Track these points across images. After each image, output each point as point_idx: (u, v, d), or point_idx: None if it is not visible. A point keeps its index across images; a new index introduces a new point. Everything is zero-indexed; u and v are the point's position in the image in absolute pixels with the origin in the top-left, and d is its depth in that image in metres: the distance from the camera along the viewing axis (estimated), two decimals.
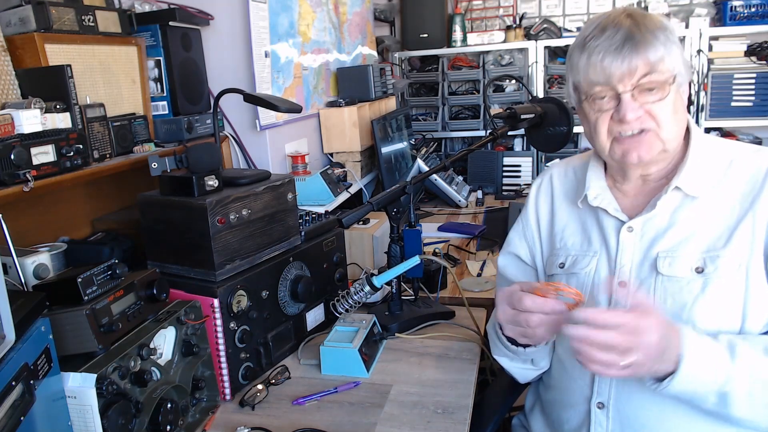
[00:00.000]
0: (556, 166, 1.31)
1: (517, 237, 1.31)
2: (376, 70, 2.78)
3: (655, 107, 1.02)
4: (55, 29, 1.35)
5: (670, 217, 1.07)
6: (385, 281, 1.33)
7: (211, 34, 1.96)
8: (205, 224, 1.23)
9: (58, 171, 1.23)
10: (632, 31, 1.00)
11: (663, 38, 1.01)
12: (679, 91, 1.04)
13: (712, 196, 1.05)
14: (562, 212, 1.23)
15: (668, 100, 1.02)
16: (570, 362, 1.14)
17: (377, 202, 1.48)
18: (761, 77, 3.07)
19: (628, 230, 1.10)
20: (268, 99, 1.56)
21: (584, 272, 1.14)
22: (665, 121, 1.03)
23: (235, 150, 2.04)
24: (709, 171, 1.07)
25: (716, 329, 0.98)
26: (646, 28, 1.01)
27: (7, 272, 1.11)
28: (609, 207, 1.13)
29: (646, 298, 1.01)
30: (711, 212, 1.05)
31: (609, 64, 1.01)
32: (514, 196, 2.91)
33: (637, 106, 1.02)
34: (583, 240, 1.18)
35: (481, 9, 3.71)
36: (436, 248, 2.09)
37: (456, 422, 1.15)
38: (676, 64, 1.02)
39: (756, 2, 3.11)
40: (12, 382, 0.77)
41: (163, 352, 1.12)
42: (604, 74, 1.02)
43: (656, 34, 1.01)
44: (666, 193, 1.07)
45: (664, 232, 1.07)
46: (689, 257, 1.03)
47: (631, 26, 1.01)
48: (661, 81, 1.01)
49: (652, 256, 1.06)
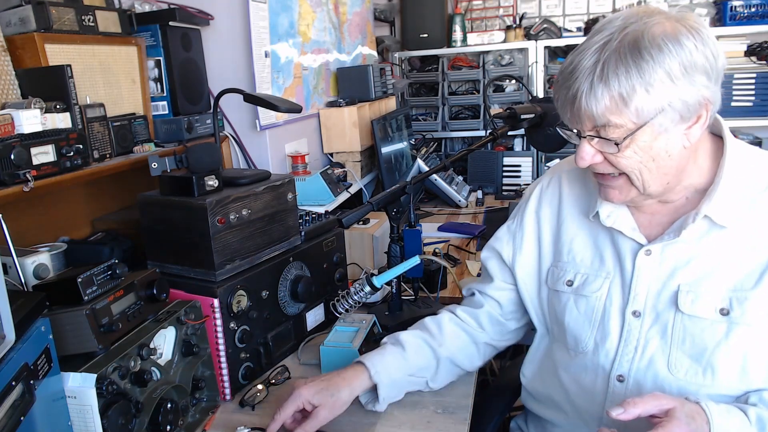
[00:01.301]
0: (567, 169, 1.18)
1: (507, 235, 1.23)
2: (376, 70, 2.78)
3: (613, 158, 0.93)
4: (55, 29, 1.35)
5: (696, 245, 0.96)
6: (385, 281, 1.33)
7: (211, 34, 1.96)
8: (205, 224, 1.23)
9: (58, 171, 1.23)
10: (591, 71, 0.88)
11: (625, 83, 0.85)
12: (659, 136, 0.90)
13: (745, 227, 0.94)
14: (572, 221, 1.12)
15: (629, 152, 0.91)
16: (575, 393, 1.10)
17: (377, 202, 1.48)
18: (761, 77, 3.07)
19: (646, 254, 1.00)
20: (268, 99, 1.55)
21: (595, 296, 1.06)
22: (632, 171, 0.93)
23: (235, 150, 2.04)
24: (744, 195, 0.95)
25: (739, 380, 0.93)
26: (603, 72, 0.87)
27: (7, 272, 1.11)
28: (624, 227, 1.03)
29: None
30: (740, 244, 0.94)
31: (563, 105, 0.94)
32: (514, 196, 2.91)
33: (592, 152, 0.93)
34: (595, 257, 1.08)
35: (481, 9, 3.71)
36: (436, 248, 2.09)
37: (456, 422, 1.15)
38: (645, 111, 0.87)
39: (756, 2, 3.11)
40: (12, 382, 0.77)
41: (163, 352, 1.12)
42: (561, 111, 0.96)
43: (610, 82, 0.86)
44: (693, 222, 0.95)
45: (687, 262, 0.97)
46: (713, 295, 0.94)
47: (594, 63, 0.88)
48: (615, 135, 0.90)
49: (672, 287, 0.97)
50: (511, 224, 1.25)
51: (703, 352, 0.94)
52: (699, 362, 0.94)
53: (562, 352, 1.14)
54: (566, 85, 0.92)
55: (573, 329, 1.09)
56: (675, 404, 0.84)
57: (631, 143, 0.90)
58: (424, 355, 1.20)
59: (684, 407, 0.84)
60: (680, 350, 0.96)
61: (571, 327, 1.09)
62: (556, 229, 1.15)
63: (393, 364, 1.16)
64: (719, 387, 0.94)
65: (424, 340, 1.22)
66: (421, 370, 1.19)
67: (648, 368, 0.99)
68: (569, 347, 1.11)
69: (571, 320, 1.09)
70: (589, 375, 1.07)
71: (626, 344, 1.02)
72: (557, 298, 1.13)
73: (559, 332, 1.15)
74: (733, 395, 0.94)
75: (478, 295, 1.29)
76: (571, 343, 1.10)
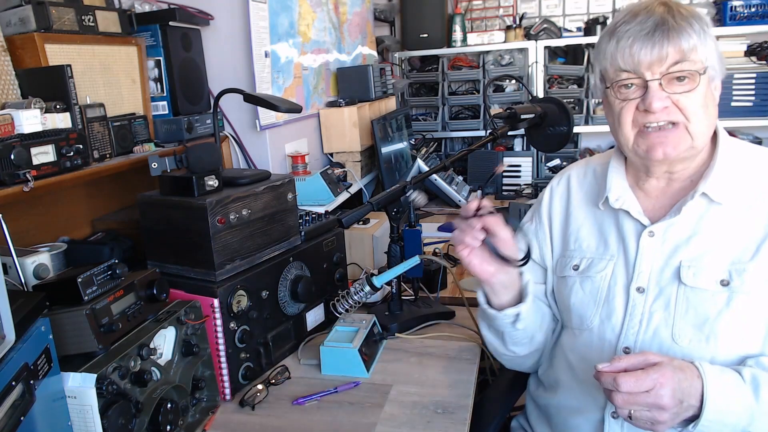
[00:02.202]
0: (576, 166, 1.27)
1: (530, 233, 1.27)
2: (376, 70, 2.78)
3: (684, 98, 0.98)
4: (55, 29, 1.35)
5: (695, 224, 1.03)
6: (385, 281, 1.33)
7: (211, 34, 1.96)
8: (205, 224, 1.23)
9: (58, 171, 1.23)
10: (665, 17, 0.97)
11: (698, 27, 0.97)
12: (710, 85, 1.00)
13: (739, 204, 1.01)
14: (579, 213, 1.19)
15: (698, 91, 0.98)
16: (581, 368, 1.11)
17: (377, 202, 1.48)
18: (761, 77, 3.07)
19: (650, 235, 1.06)
20: (268, 99, 1.56)
21: (599, 276, 1.11)
22: (694, 114, 0.98)
23: (235, 150, 2.04)
24: (737, 177, 1.02)
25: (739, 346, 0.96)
26: (681, 15, 0.98)
27: (7, 272, 1.11)
28: (631, 209, 1.09)
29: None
30: (738, 221, 1.00)
31: (638, 50, 0.98)
32: (514, 196, 2.91)
33: (664, 95, 0.98)
34: (600, 242, 1.14)
35: (481, 9, 3.70)
36: (436, 248, 2.09)
37: (456, 422, 1.15)
38: (709, 56, 0.98)
39: (756, 2, 3.11)
40: (12, 382, 0.77)
41: (163, 352, 1.12)
42: (632, 60, 0.99)
43: (691, 22, 0.97)
44: (692, 198, 1.02)
45: (687, 240, 1.03)
46: (714, 268, 0.99)
47: (664, 13, 0.98)
48: (693, 71, 0.97)
49: (674, 264, 1.03)
50: (530, 224, 1.29)
51: (705, 321, 0.98)
52: (702, 330, 0.98)
53: (568, 335, 1.17)
54: (638, 31, 0.98)
55: (578, 309, 1.13)
56: (662, 359, 0.90)
57: (702, 82, 0.98)
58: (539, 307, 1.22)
59: (672, 361, 0.90)
60: (683, 320, 1.01)
61: (576, 307, 1.14)
62: (565, 222, 1.22)
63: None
64: (720, 353, 0.98)
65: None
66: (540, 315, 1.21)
67: (653, 339, 1.03)
68: (574, 327, 1.14)
69: (576, 300, 1.14)
70: (595, 350, 1.10)
71: (631, 318, 1.06)
72: (564, 283, 1.18)
73: (565, 316, 1.19)
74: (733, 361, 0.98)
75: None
76: (576, 322, 1.14)
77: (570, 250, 1.18)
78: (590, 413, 1.09)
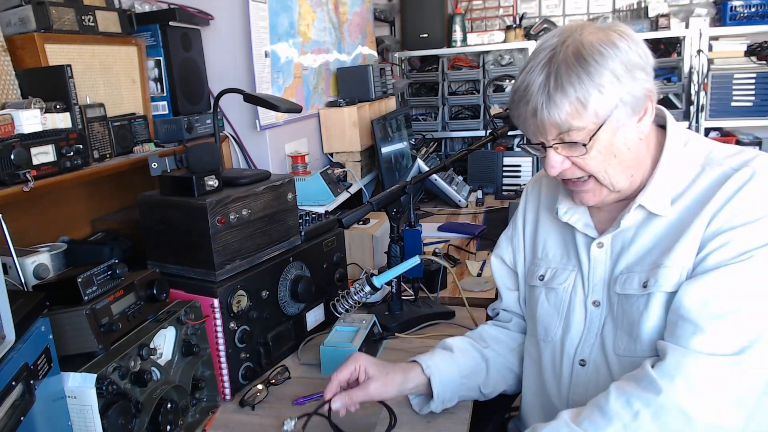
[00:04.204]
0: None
1: (505, 241, 1.29)
2: (376, 70, 2.78)
3: (581, 160, 0.99)
4: (55, 29, 1.35)
5: (633, 233, 1.05)
6: (385, 281, 1.33)
7: (211, 34, 1.96)
8: (205, 224, 1.23)
9: (58, 171, 1.23)
10: (545, 85, 0.94)
11: (579, 88, 0.92)
12: (617, 132, 0.96)
13: (674, 209, 1.01)
14: (546, 221, 1.21)
15: (594, 152, 0.97)
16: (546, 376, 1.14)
17: (377, 202, 1.48)
18: (761, 77, 3.07)
19: (598, 246, 1.08)
20: (268, 99, 1.56)
21: (562, 287, 1.13)
22: (596, 172, 1.00)
23: (235, 150, 2.04)
24: (676, 184, 1.02)
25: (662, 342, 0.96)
26: (557, 82, 0.93)
27: (7, 272, 1.11)
28: (578, 223, 1.11)
29: None
30: (668, 225, 1.02)
31: (525, 121, 0.99)
32: (514, 196, 2.90)
33: (560, 159, 1.00)
34: (564, 253, 1.16)
35: (481, 9, 3.71)
36: (436, 248, 2.09)
37: (456, 422, 1.15)
38: (602, 110, 0.93)
39: (756, 2, 3.11)
40: (12, 382, 0.77)
41: (163, 352, 1.12)
42: (523, 128, 1.02)
43: (566, 89, 0.92)
44: (629, 211, 1.03)
45: (626, 249, 1.05)
46: (640, 273, 1.02)
47: (546, 76, 0.94)
48: (579, 139, 0.96)
49: (615, 274, 1.05)
50: (508, 230, 1.31)
51: (632, 325, 1.01)
52: (631, 335, 1.01)
53: (533, 345, 1.19)
54: (524, 101, 0.97)
55: (543, 320, 1.16)
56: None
57: (595, 143, 0.97)
58: (472, 357, 1.22)
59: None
60: (621, 329, 1.03)
61: (542, 318, 1.16)
62: (534, 230, 1.24)
63: (443, 362, 1.18)
64: (644, 353, 0.99)
65: (469, 344, 1.25)
66: (472, 372, 1.21)
67: (601, 350, 1.06)
68: (539, 338, 1.17)
69: (542, 312, 1.16)
70: (556, 362, 1.13)
71: (588, 332, 1.09)
72: (532, 293, 1.20)
73: (531, 325, 1.21)
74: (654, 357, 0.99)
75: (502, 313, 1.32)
76: (541, 333, 1.16)
77: (538, 258, 1.20)
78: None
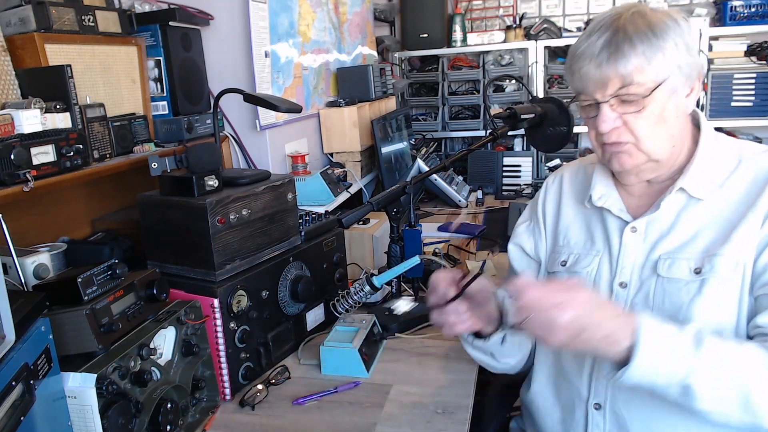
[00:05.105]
0: (570, 165, 1.31)
1: (525, 231, 1.31)
2: (376, 70, 2.78)
3: (633, 119, 1.01)
4: (55, 29, 1.35)
5: (674, 218, 1.06)
6: (385, 281, 1.33)
7: (211, 34, 1.96)
8: (205, 224, 1.23)
9: (58, 171, 1.23)
10: (610, 41, 0.98)
11: (646, 44, 0.96)
12: (671, 97, 1.01)
13: (718, 198, 1.04)
14: (568, 211, 1.23)
15: (649, 111, 1.00)
16: (567, 363, 1.14)
17: (377, 202, 1.48)
18: (761, 77, 3.07)
19: (632, 231, 1.09)
20: (268, 99, 1.56)
21: (585, 271, 1.14)
22: (644, 135, 1.01)
23: (235, 150, 2.04)
24: (716, 172, 1.05)
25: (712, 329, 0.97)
26: (626, 36, 0.97)
27: (7, 272, 1.11)
28: (613, 207, 1.13)
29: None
30: (715, 214, 1.03)
31: (586, 74, 1.01)
32: (514, 196, 2.91)
33: (614, 116, 1.01)
34: (587, 239, 1.18)
35: (481, 9, 3.70)
36: (436, 248, 2.09)
37: (456, 422, 1.15)
38: (663, 71, 0.98)
39: (756, 2, 3.11)
40: (12, 382, 0.77)
41: (163, 352, 1.12)
42: (582, 84, 1.03)
43: (635, 42, 0.96)
44: (670, 194, 1.05)
45: (667, 234, 1.06)
46: (689, 259, 1.02)
47: (610, 36, 0.98)
48: (639, 93, 0.98)
49: (653, 258, 1.06)
50: (525, 220, 1.33)
51: (679, 309, 1.01)
52: (676, 318, 1.00)
53: None
54: (587, 55, 1.00)
55: None
56: (584, 288, 0.91)
57: (651, 102, 0.99)
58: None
59: (597, 296, 0.94)
60: (660, 311, 1.03)
61: None
62: (556, 219, 1.25)
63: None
64: None
65: None
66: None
67: None
68: None
69: None
70: None
71: None
72: (553, 279, 1.20)
73: None
74: None
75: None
76: None
77: (559, 246, 1.22)
78: (574, 407, 1.11)
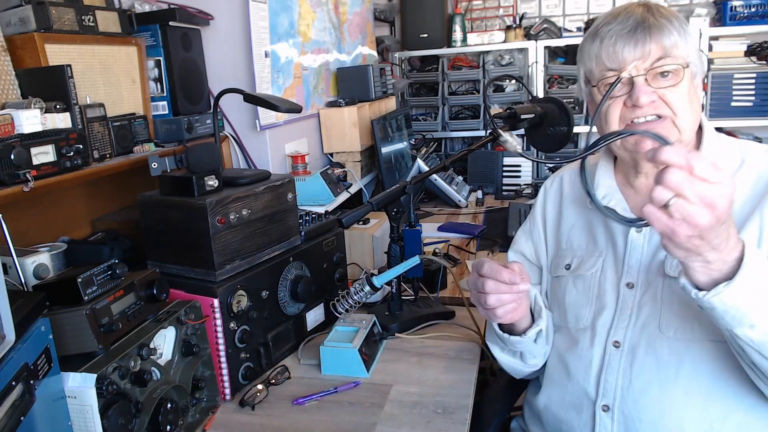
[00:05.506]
0: (569, 167, 1.30)
1: (523, 236, 1.31)
2: (376, 70, 2.78)
3: (669, 93, 1.01)
4: (55, 29, 1.35)
5: None
6: (385, 281, 1.33)
7: (211, 34, 1.96)
8: (205, 224, 1.23)
9: (58, 171, 1.23)
10: (645, 16, 1.01)
11: (677, 25, 1.01)
12: (693, 81, 1.04)
13: None
14: (570, 213, 1.22)
15: (683, 86, 1.01)
16: (573, 363, 1.13)
17: (377, 202, 1.48)
18: (761, 77, 3.07)
19: (637, 231, 1.09)
20: (268, 99, 1.55)
21: (590, 273, 1.13)
22: (680, 109, 1.01)
23: (235, 150, 2.04)
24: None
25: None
26: (660, 14, 1.02)
27: (7, 272, 1.11)
28: (617, 207, 1.11)
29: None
30: None
31: (621, 48, 1.01)
32: (514, 196, 2.91)
33: (650, 90, 1.01)
34: (589, 241, 1.17)
35: (481, 9, 3.70)
36: (436, 248, 2.09)
37: (456, 422, 1.15)
38: (690, 53, 1.02)
39: (756, 2, 3.11)
40: (12, 382, 0.77)
41: (163, 352, 1.12)
42: (616, 58, 1.02)
43: (670, 19, 1.01)
44: None
45: None
46: None
47: (643, 12, 1.02)
48: (677, 65, 1.01)
49: (659, 258, 1.05)
50: (525, 226, 1.33)
51: (688, 309, 1.00)
52: (687, 319, 1.00)
53: (564, 335, 1.18)
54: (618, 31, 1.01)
55: (573, 308, 1.15)
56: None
57: (685, 76, 1.01)
58: None
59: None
60: (670, 311, 1.02)
61: (571, 306, 1.16)
62: (557, 222, 1.25)
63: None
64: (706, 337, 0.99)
65: None
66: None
67: (642, 332, 1.05)
68: (570, 326, 1.15)
69: (571, 300, 1.16)
70: (586, 346, 1.12)
71: (621, 313, 1.08)
72: (558, 283, 1.20)
73: (560, 316, 1.19)
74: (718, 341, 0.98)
75: None
76: (572, 321, 1.15)
77: (562, 249, 1.21)
78: (582, 407, 1.10)
